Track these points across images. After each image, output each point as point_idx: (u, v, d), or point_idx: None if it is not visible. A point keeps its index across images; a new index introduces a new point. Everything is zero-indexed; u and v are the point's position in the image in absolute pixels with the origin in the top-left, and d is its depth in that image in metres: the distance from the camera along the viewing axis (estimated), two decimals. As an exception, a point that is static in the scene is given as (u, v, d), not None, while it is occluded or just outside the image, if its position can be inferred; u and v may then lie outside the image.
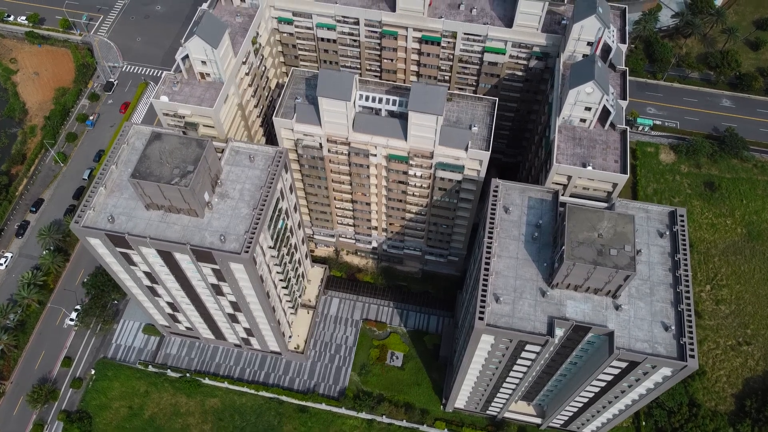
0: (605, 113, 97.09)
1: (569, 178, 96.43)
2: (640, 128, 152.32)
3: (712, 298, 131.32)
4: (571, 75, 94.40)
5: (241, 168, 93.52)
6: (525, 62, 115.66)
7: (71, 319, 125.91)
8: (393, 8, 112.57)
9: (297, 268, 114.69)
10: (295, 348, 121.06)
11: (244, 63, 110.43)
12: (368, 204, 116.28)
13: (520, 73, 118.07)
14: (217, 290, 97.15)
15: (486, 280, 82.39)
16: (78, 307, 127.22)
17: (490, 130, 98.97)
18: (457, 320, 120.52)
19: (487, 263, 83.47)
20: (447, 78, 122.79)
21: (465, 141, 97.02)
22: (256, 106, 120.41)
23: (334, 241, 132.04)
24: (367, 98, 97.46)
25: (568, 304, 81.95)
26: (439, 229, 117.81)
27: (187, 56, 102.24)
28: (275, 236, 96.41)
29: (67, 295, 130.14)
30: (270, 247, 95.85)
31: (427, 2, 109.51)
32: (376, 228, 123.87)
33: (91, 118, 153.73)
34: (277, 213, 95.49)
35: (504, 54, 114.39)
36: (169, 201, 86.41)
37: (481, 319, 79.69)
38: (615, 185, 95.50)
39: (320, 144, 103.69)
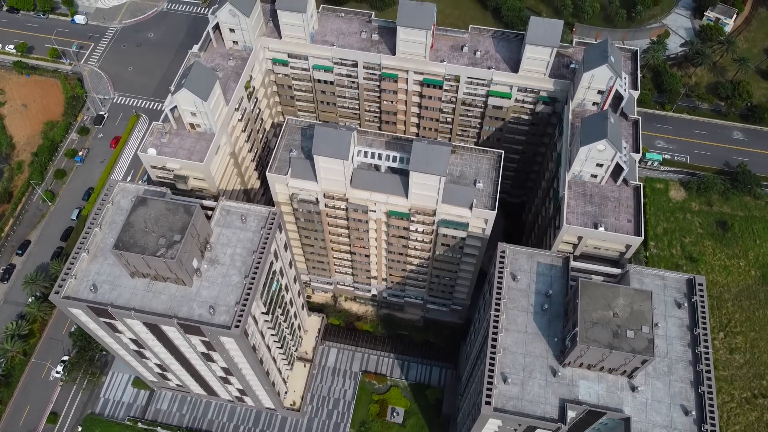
0: (618, 169, 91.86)
1: (580, 238, 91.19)
2: (649, 163, 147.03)
3: (725, 346, 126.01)
4: (582, 131, 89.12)
5: (233, 230, 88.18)
6: (531, 106, 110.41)
7: (57, 372, 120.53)
8: (393, 51, 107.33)
9: (293, 324, 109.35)
10: (291, 405, 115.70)
11: (236, 110, 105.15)
12: (367, 256, 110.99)
13: (526, 117, 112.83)
14: (207, 357, 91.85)
15: (493, 358, 77.10)
16: (65, 358, 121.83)
17: (495, 186, 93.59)
18: (459, 374, 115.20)
19: (494, 339, 78.22)
20: (450, 120, 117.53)
21: (469, 199, 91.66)
22: (250, 151, 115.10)
23: (332, 288, 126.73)
24: (366, 154, 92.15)
25: (580, 384, 76.66)
26: (442, 281, 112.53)
27: (176, 106, 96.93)
28: (269, 300, 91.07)
29: (53, 345, 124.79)
30: (263, 313, 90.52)
31: (428, 46, 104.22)
32: (375, 277, 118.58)
33: (80, 153, 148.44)
34: (270, 276, 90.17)
35: (509, 98, 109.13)
36: (155, 271, 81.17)
37: (488, 403, 74.36)
38: (628, 246, 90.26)
39: (316, 199, 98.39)
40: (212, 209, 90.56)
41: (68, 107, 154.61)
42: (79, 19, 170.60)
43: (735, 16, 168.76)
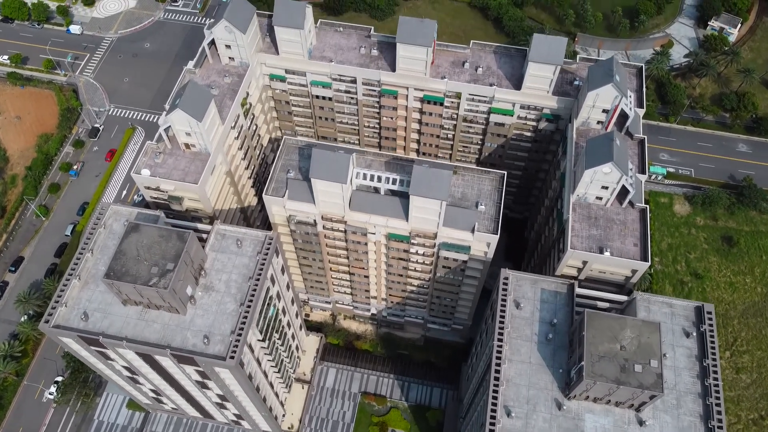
0: (623, 191, 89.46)
1: (585, 262, 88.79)
2: (653, 177, 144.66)
3: (731, 365, 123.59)
4: (587, 153, 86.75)
5: (228, 255, 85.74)
6: (534, 123, 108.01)
7: (51, 393, 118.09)
8: (393, 67, 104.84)
9: (290, 346, 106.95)
10: (289, 428, 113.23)
11: (232, 128, 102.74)
12: (366, 277, 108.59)
13: (528, 134, 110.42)
14: (202, 385, 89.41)
15: (496, 391, 74.73)
16: (58, 379, 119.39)
17: (498, 208, 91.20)
18: (461, 395, 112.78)
19: (497, 371, 75.83)
20: (451, 136, 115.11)
21: (471, 222, 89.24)
22: (246, 168, 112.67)
23: (331, 306, 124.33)
24: (365, 176, 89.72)
25: (586, 418, 74.29)
26: (443, 301, 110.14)
27: (170, 126, 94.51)
28: (265, 326, 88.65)
29: (46, 365, 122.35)
30: (260, 340, 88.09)
31: (429, 63, 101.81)
32: (375, 297, 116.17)
33: (75, 167, 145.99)
34: (267, 301, 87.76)
35: (512, 115, 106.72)
36: (148, 299, 78.79)
37: (491, 439, 72.08)
38: (634, 271, 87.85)
39: (314, 221, 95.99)
40: (207, 233, 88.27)
41: (63, 119, 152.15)
42: (75, 29, 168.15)
43: (739, 25, 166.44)
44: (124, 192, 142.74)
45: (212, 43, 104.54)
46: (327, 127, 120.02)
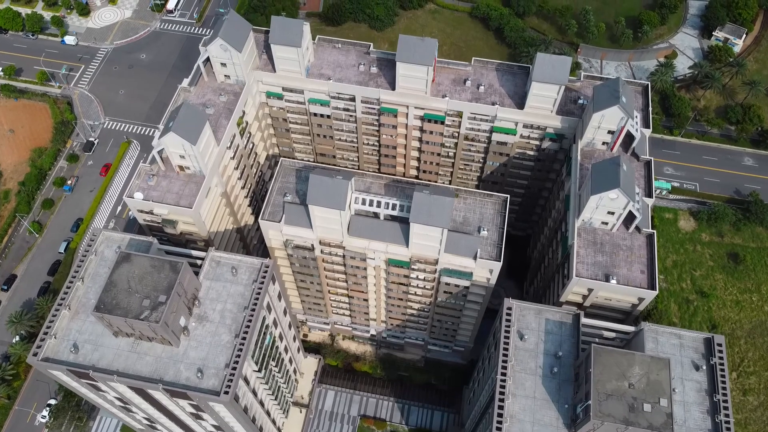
0: (630, 216, 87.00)
1: (590, 289, 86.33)
2: (658, 192, 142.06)
3: (738, 387, 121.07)
4: (592, 178, 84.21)
5: (223, 283, 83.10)
6: (537, 142, 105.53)
7: (43, 416, 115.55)
8: (392, 84, 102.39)
9: (287, 371, 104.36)
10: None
11: (228, 148, 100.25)
12: (365, 300, 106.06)
13: (531, 153, 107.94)
14: (196, 416, 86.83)
15: (500, 428, 72.13)
16: (51, 402, 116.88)
17: (501, 233, 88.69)
18: (462, 420, 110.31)
19: (501, 407, 73.21)
20: (452, 154, 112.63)
21: (473, 248, 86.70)
22: (243, 188, 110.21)
23: (329, 327, 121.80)
24: (364, 201, 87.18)
25: (593, 456, 71.67)
26: (444, 325, 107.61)
27: (163, 148, 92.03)
28: (261, 356, 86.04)
29: (39, 387, 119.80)
30: (255, 371, 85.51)
31: (429, 81, 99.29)
32: (374, 319, 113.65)
33: (69, 182, 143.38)
34: (263, 330, 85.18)
35: (514, 134, 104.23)
36: (140, 332, 76.21)
37: (494, 480, 69.56)
38: (641, 299, 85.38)
39: (312, 245, 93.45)
40: (201, 259, 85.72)
41: (57, 133, 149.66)
42: (69, 39, 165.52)
43: (744, 36, 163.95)
44: (119, 208, 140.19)
45: (207, 60, 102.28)
46: (325, 144, 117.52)
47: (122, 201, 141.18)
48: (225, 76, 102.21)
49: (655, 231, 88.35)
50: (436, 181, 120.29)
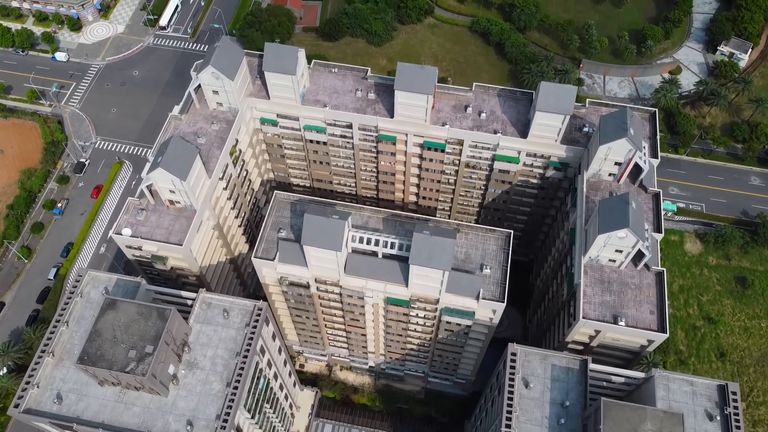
0: (639, 254, 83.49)
1: (598, 330, 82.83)
2: (663, 213, 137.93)
3: (747, 418, 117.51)
4: (600, 215, 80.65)
5: (214, 327, 79.56)
6: (541, 171, 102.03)
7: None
8: (391, 111, 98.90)
9: (283, 408, 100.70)
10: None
11: (221, 179, 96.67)
12: (364, 335, 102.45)
13: (535, 181, 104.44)
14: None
15: (504, 486, 68.72)
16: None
17: (504, 271, 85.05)
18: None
19: (506, 463, 69.76)
20: (452, 181, 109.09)
21: (476, 288, 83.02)
22: (237, 217, 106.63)
23: (326, 358, 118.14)
24: (361, 240, 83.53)
25: None
26: (445, 359, 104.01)
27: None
28: (254, 402, 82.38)
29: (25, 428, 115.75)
30: (248, 418, 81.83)
31: (429, 109, 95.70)
32: (373, 353, 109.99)
33: (59, 205, 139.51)
34: (257, 374, 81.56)
35: (517, 163, 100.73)
36: (126, 382, 72.62)
37: None
38: (651, 341, 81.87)
39: (307, 283, 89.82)
40: (192, 299, 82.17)
41: (47, 153, 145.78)
42: (60, 56, 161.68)
43: (750, 50, 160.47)
44: (111, 232, 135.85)
45: (199, 86, 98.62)
46: (322, 170, 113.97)
47: (114, 224, 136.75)
48: (217, 103, 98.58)
49: (664, 270, 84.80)
50: (436, 207, 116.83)
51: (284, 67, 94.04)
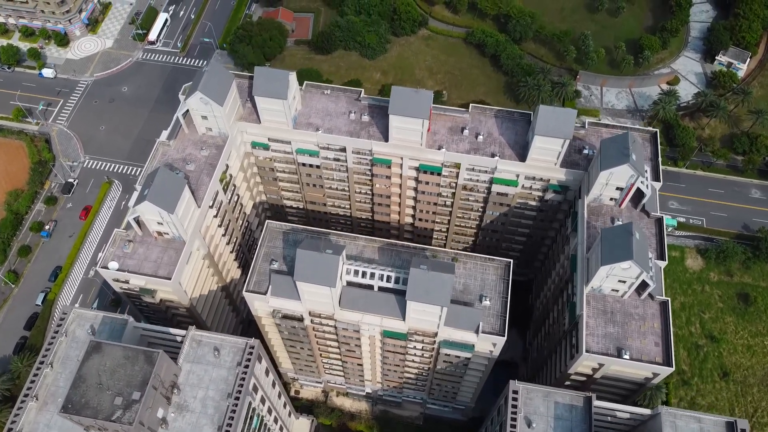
0: (643, 284, 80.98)
1: (601, 363, 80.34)
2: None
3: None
4: (602, 246, 78.12)
5: (204, 367, 76.68)
6: (540, 194, 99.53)
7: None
8: (385, 134, 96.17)
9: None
10: None
11: (211, 207, 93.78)
12: (360, 365, 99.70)
13: (534, 203, 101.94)
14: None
15: None
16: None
17: (504, 303, 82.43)
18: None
19: None
20: (449, 203, 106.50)
21: (475, 322, 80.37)
22: (228, 243, 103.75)
23: (322, 385, 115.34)
24: (356, 273, 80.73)
25: None
26: (444, 388, 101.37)
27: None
28: (248, 441, 79.66)
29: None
30: (242, 459, 79.01)
31: (424, 132, 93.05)
32: (370, 380, 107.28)
33: (46, 227, 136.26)
34: (249, 414, 78.73)
35: (515, 186, 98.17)
36: (114, 430, 69.65)
37: None
38: (656, 374, 79.43)
39: (301, 316, 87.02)
40: (182, 336, 79.29)
41: (34, 174, 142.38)
42: (47, 72, 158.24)
43: (748, 60, 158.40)
44: (100, 254, 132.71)
45: (188, 111, 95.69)
46: (315, 193, 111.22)
47: (103, 246, 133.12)
48: (206, 128, 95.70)
49: (669, 299, 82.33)
50: (432, 229, 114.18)
51: (275, 92, 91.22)
